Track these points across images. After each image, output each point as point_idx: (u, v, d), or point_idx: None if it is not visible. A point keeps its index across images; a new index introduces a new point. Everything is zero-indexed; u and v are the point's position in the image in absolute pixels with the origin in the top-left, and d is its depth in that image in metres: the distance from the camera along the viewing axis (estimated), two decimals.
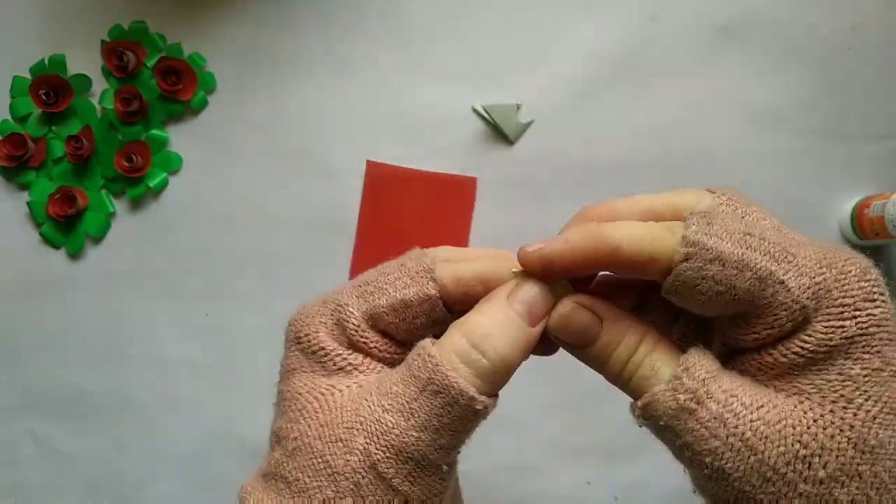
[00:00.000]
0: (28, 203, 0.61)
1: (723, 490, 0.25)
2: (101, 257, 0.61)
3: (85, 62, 0.61)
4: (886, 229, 0.54)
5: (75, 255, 0.61)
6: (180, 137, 0.61)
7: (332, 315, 0.30)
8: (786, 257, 0.25)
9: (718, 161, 0.60)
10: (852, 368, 0.24)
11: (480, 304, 0.28)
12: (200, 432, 0.61)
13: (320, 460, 0.26)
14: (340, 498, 0.26)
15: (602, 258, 0.26)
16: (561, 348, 0.29)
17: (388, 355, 0.29)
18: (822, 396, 0.24)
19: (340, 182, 0.60)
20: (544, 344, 0.29)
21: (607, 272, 0.28)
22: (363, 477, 0.26)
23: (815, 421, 0.24)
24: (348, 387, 0.28)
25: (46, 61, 0.61)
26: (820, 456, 0.24)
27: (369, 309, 0.29)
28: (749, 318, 0.25)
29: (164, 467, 0.61)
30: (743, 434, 0.24)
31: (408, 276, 0.29)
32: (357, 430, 0.26)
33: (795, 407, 0.25)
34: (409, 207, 0.60)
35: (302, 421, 0.28)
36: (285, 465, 0.27)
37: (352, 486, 0.26)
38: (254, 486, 0.28)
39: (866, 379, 0.24)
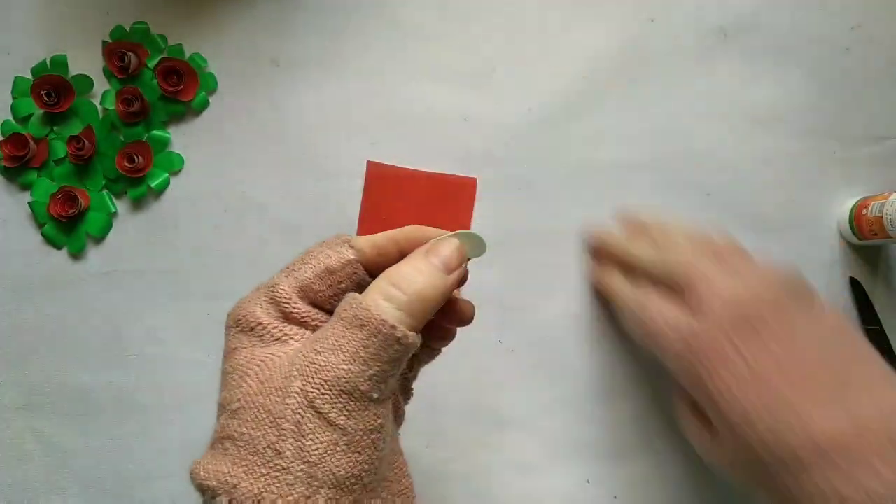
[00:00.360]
0: (29, 203, 0.61)
1: None
2: (102, 257, 0.61)
3: (86, 63, 0.61)
4: (885, 229, 0.54)
5: (77, 254, 0.61)
6: (181, 138, 0.62)
7: (265, 296, 0.33)
8: None
9: (717, 161, 0.60)
10: None
11: (402, 260, 0.32)
12: (202, 431, 0.61)
13: (262, 410, 0.29)
14: (283, 440, 0.28)
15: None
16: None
17: (320, 323, 0.33)
18: None
19: (340, 182, 0.61)
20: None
21: None
22: (302, 416, 0.28)
23: None
24: (286, 353, 0.31)
25: (48, 62, 0.61)
26: None
27: (297, 282, 0.33)
28: None
29: (166, 466, 0.61)
30: None
31: (328, 248, 0.34)
32: (294, 376, 0.29)
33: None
34: (409, 207, 0.60)
35: (244, 385, 0.30)
36: (229, 426, 0.29)
37: (293, 428, 0.28)
38: (203, 458, 0.31)
39: None
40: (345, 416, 0.28)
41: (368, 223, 0.60)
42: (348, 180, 0.61)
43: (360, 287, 0.33)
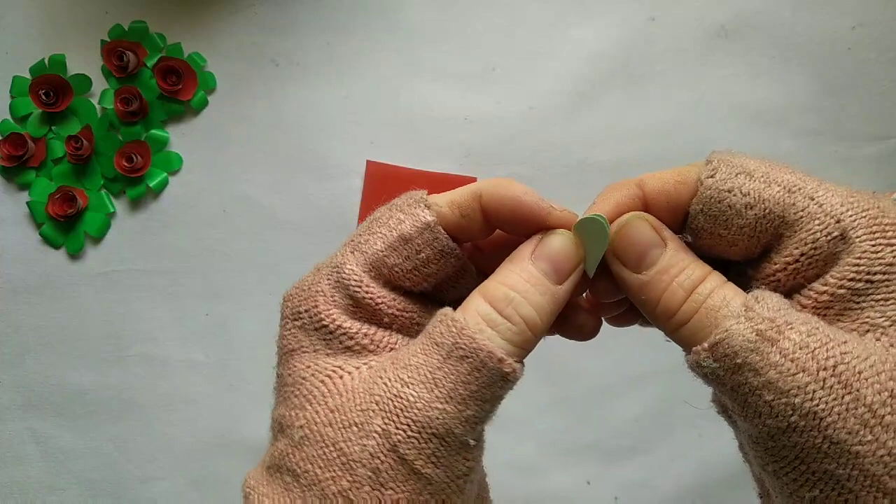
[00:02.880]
0: (28, 203, 0.61)
1: (806, 440, 0.21)
2: (100, 257, 0.61)
3: (85, 62, 0.61)
4: None
5: (75, 254, 0.61)
6: (180, 137, 0.61)
7: (328, 279, 0.27)
8: (812, 179, 0.24)
9: None
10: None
11: (503, 264, 0.26)
12: (200, 431, 0.61)
13: (332, 449, 0.24)
14: (357, 488, 0.23)
15: (631, 193, 0.25)
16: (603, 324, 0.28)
17: (398, 312, 0.27)
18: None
19: (340, 182, 0.60)
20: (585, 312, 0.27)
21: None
22: (382, 462, 0.23)
23: None
24: (357, 368, 0.25)
25: (46, 61, 0.61)
26: None
27: (367, 258, 0.26)
28: (781, 241, 0.23)
29: (164, 466, 0.61)
30: (835, 368, 0.21)
31: (400, 212, 0.28)
32: (373, 410, 0.24)
33: (876, 342, 0.21)
34: None
35: (308, 407, 0.25)
36: (292, 456, 0.25)
37: (369, 474, 0.23)
38: (257, 480, 0.26)
39: None
40: (432, 463, 0.23)
41: None
42: (348, 180, 0.60)
43: (444, 256, 0.27)
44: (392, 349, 0.26)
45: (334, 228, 0.60)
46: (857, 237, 0.22)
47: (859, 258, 0.22)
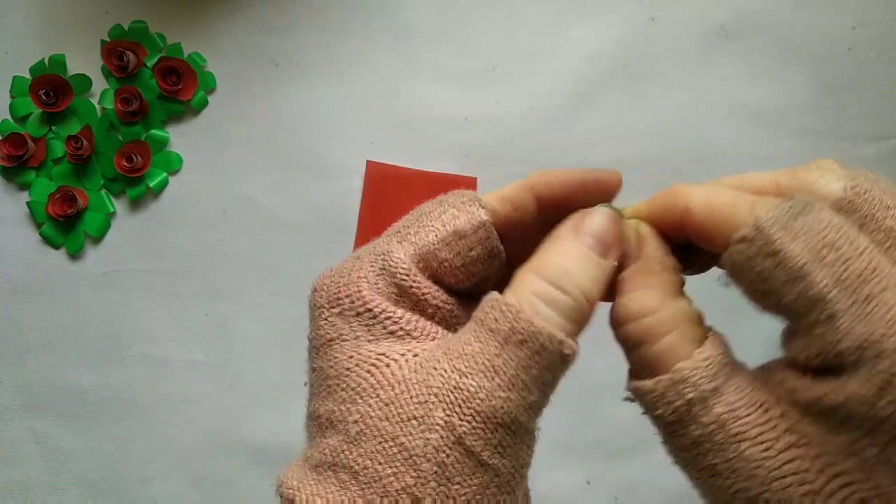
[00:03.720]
0: (28, 203, 0.61)
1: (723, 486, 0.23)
2: (100, 257, 0.61)
3: (85, 62, 0.61)
4: None
5: (75, 254, 0.61)
6: (180, 137, 0.61)
7: (372, 266, 0.26)
8: (858, 292, 0.20)
9: (717, 160, 0.60)
10: (868, 451, 0.20)
11: (546, 243, 0.25)
12: (200, 431, 0.61)
13: (392, 443, 0.23)
14: (423, 483, 0.22)
15: (673, 217, 0.25)
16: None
17: (441, 304, 0.26)
18: (825, 462, 0.21)
19: (340, 182, 0.60)
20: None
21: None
22: (448, 455, 0.22)
23: (812, 479, 0.21)
24: (403, 356, 0.24)
25: (46, 61, 0.61)
26: None
27: (419, 249, 0.26)
28: (797, 329, 0.22)
29: (164, 466, 0.61)
30: (741, 451, 0.22)
31: (454, 208, 0.28)
32: (433, 402, 0.23)
33: (798, 448, 0.21)
34: (409, 207, 0.60)
35: (360, 401, 0.24)
36: (348, 452, 0.23)
37: (435, 469, 0.22)
38: (302, 481, 0.24)
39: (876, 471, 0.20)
40: (499, 453, 0.23)
41: (368, 223, 0.60)
42: (348, 180, 0.60)
43: (492, 256, 0.27)
44: (434, 339, 0.25)
45: (334, 228, 0.60)
46: (854, 375, 0.21)
47: (850, 397, 0.20)
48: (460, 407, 0.23)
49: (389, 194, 0.60)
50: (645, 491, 0.59)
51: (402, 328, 0.25)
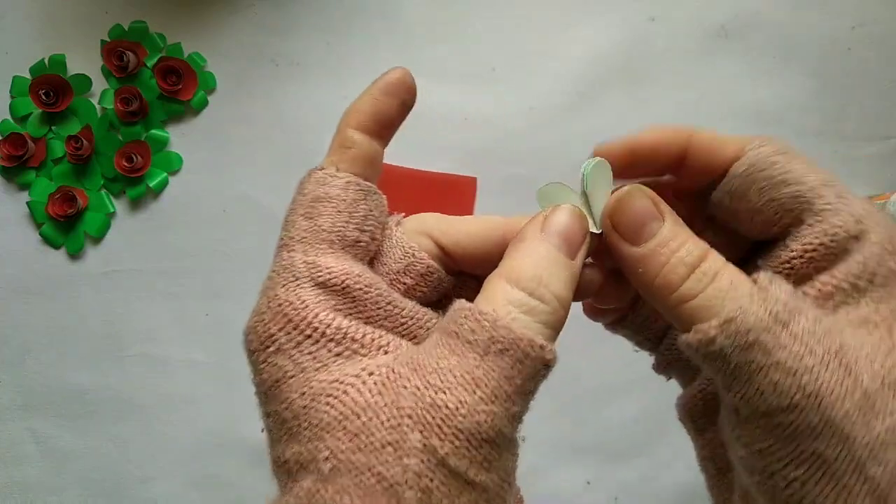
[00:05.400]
0: (28, 203, 0.61)
1: (802, 420, 0.21)
2: (100, 257, 0.61)
3: (85, 62, 0.61)
4: None
5: (75, 254, 0.61)
6: (180, 137, 0.61)
7: (296, 287, 0.25)
8: (842, 183, 0.24)
9: None
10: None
11: (514, 246, 0.25)
12: (200, 431, 0.61)
13: (370, 474, 0.21)
14: None
15: (679, 141, 0.26)
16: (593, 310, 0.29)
17: (386, 306, 0.25)
18: (889, 326, 0.22)
19: None
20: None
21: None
22: (432, 479, 0.21)
23: (889, 352, 0.22)
24: (359, 377, 0.23)
25: (46, 61, 0.61)
26: None
27: (331, 247, 0.26)
28: (800, 229, 0.24)
29: (164, 466, 0.61)
30: (838, 353, 0.21)
31: (314, 181, 0.30)
32: (407, 425, 0.21)
33: (868, 335, 0.22)
34: (409, 207, 0.60)
35: (327, 436, 0.22)
36: (324, 492, 0.21)
37: (419, 496, 0.21)
38: None
39: None
40: (485, 469, 0.22)
41: None
42: None
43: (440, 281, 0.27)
44: (387, 351, 0.24)
45: None
46: (870, 240, 0.23)
47: (867, 258, 0.23)
48: (440, 427, 0.21)
49: (389, 194, 0.60)
50: (645, 491, 0.59)
51: (347, 348, 0.24)
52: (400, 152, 0.61)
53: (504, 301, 0.23)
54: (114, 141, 0.61)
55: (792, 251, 0.24)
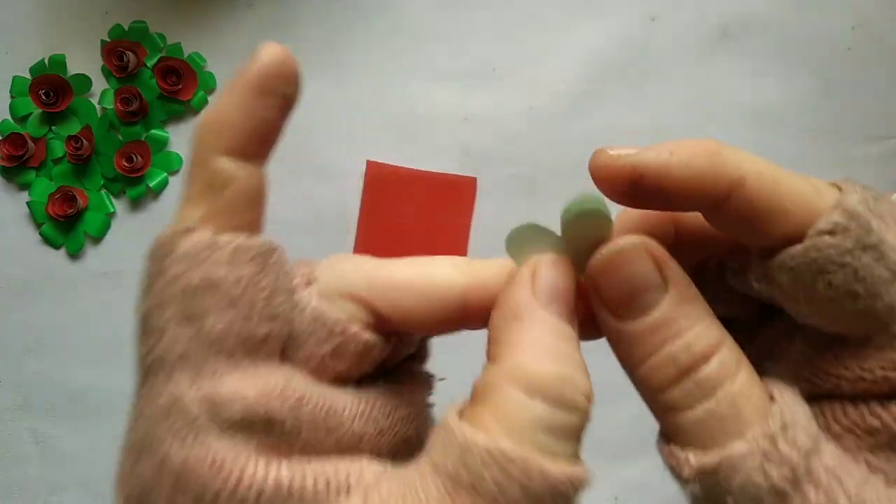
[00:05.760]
0: (28, 203, 0.61)
1: None
2: (101, 257, 0.61)
3: (85, 62, 0.61)
4: None
5: (75, 254, 0.61)
6: (180, 137, 0.61)
7: (197, 440, 0.17)
8: None
9: None
10: None
11: (506, 324, 0.18)
12: None
13: None
14: None
15: (718, 188, 0.18)
16: None
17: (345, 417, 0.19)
18: None
19: (340, 182, 0.60)
20: None
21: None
22: None
23: None
24: None
25: (46, 61, 0.61)
26: None
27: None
28: (864, 346, 0.17)
29: None
30: None
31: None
32: None
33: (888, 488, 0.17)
34: (409, 207, 0.60)
35: None
36: None
37: None
38: None
39: None
40: None
41: (368, 223, 0.60)
42: (348, 180, 0.60)
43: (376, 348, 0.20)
44: (349, 491, 0.17)
45: (334, 228, 0.60)
46: None
47: None
48: None
49: (389, 194, 0.60)
50: (645, 491, 0.59)
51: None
52: (400, 152, 0.61)
53: (527, 426, 0.16)
54: (114, 141, 0.61)
55: (846, 368, 0.18)
